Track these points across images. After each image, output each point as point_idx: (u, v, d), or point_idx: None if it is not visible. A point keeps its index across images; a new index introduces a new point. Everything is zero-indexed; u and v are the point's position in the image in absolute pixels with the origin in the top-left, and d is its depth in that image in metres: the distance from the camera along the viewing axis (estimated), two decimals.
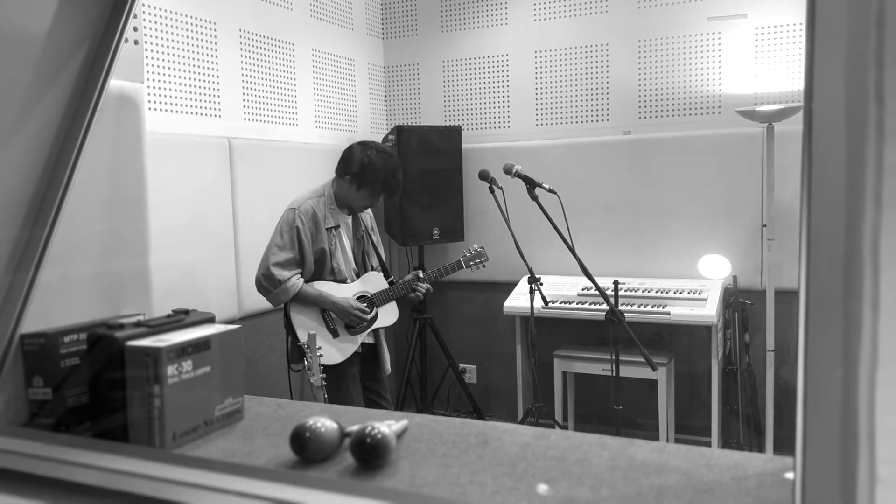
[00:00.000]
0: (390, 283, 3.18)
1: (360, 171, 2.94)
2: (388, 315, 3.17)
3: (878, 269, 0.57)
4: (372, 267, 3.19)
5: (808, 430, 0.63)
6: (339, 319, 3.01)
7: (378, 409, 3.16)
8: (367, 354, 3.14)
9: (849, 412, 0.59)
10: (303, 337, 2.86)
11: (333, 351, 2.98)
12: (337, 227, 3.00)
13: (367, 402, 3.15)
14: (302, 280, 2.92)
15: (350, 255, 3.06)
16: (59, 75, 1.32)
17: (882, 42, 0.55)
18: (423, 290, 3.19)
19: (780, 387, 3.58)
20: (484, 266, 3.43)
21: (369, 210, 3.18)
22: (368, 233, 3.19)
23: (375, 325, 3.12)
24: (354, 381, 3.07)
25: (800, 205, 0.64)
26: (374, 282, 3.14)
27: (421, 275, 3.20)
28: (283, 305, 2.98)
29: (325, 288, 2.97)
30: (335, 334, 3.00)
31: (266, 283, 2.89)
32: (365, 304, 3.05)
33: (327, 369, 2.93)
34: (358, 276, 3.10)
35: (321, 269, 2.98)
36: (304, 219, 2.90)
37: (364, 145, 3.01)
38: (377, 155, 2.95)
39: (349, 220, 3.08)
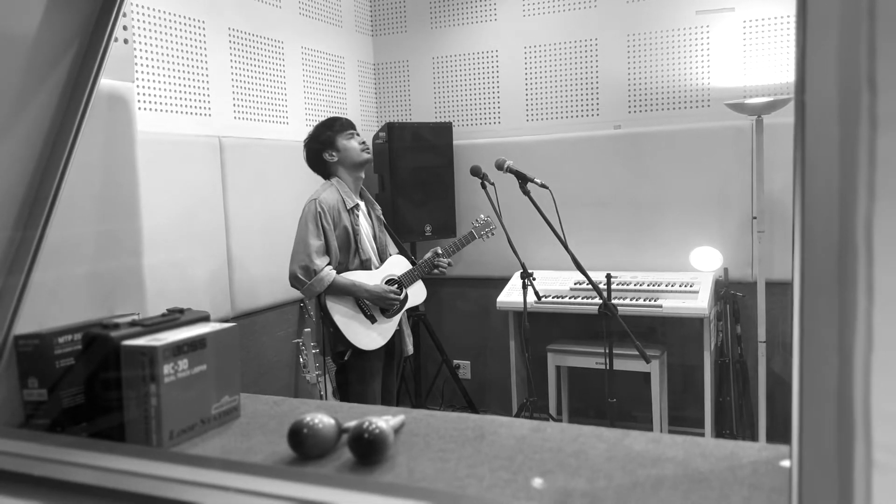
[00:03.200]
0: (413, 265, 3.26)
1: (321, 143, 3.09)
2: (417, 294, 3.27)
3: (871, 256, 0.57)
4: (391, 254, 3.26)
5: (804, 417, 0.63)
6: (374, 305, 3.07)
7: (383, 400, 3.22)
8: (388, 345, 3.19)
9: (844, 398, 0.60)
10: (343, 325, 2.97)
11: (374, 335, 3.06)
12: (357, 206, 3.08)
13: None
14: (334, 271, 2.98)
15: (371, 237, 3.15)
16: (48, 75, 1.31)
17: (874, 28, 0.55)
18: (446, 265, 3.27)
19: (772, 377, 3.60)
20: (493, 235, 3.45)
21: (378, 207, 3.28)
22: (383, 221, 3.27)
23: (408, 305, 3.20)
24: (377, 375, 3.12)
25: (792, 194, 0.65)
26: (399, 264, 3.22)
27: (440, 251, 3.27)
28: (315, 299, 3.04)
29: (356, 277, 3.03)
30: (373, 320, 3.07)
31: (303, 275, 2.94)
32: (395, 287, 3.13)
33: (357, 356, 3.00)
34: (381, 261, 3.18)
35: (346, 253, 3.04)
36: (324, 206, 2.98)
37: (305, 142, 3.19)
38: (312, 131, 3.17)
39: (364, 205, 3.15)
